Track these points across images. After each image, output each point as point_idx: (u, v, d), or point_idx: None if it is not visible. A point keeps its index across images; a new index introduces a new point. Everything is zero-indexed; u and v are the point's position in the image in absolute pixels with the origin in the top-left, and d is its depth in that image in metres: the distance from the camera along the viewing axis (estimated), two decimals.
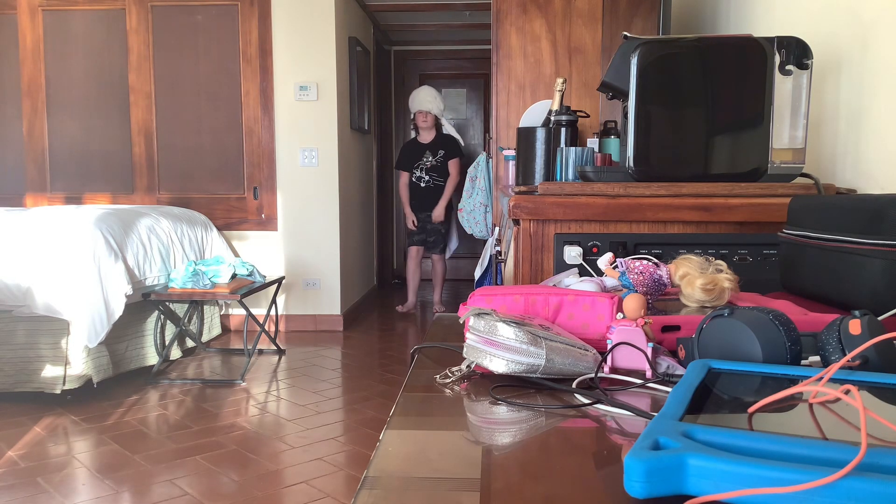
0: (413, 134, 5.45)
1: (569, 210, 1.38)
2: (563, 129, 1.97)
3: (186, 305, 3.96)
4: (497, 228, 2.93)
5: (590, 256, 1.36)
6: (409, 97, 5.32)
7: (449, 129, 5.38)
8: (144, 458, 2.60)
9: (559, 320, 0.91)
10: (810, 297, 1.05)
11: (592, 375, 0.78)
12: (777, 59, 1.38)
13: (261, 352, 4.17)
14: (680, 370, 0.80)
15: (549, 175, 1.96)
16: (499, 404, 0.72)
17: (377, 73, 6.19)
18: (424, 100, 5.22)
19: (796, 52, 1.38)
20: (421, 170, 5.34)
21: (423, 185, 5.35)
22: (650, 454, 0.46)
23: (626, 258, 1.05)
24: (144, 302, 3.57)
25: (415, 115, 5.30)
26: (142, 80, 4.69)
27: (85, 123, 4.76)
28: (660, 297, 1.06)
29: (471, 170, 4.16)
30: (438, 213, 5.35)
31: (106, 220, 3.38)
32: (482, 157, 4.14)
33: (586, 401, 0.71)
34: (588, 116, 2.52)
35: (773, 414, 0.55)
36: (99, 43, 4.71)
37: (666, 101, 1.42)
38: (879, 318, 0.77)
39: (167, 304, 3.78)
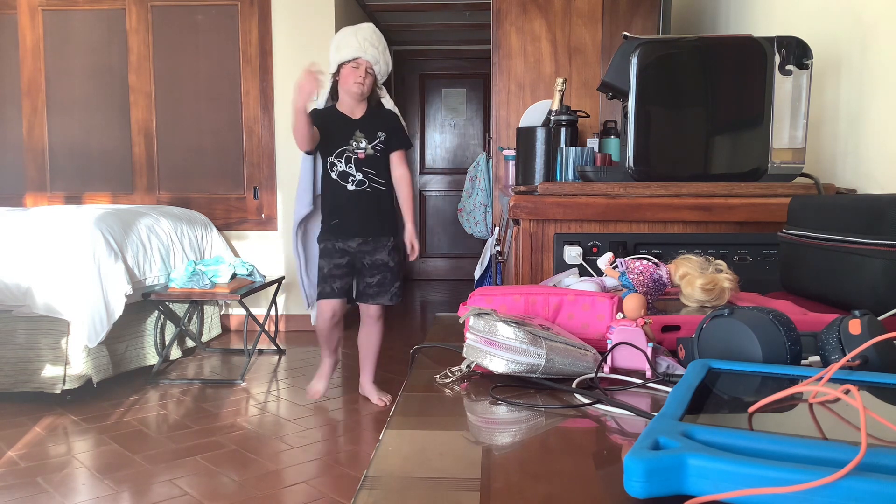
0: (328, 102, 3.08)
1: (569, 210, 1.38)
2: (563, 129, 1.97)
3: (186, 305, 3.96)
4: (497, 228, 2.93)
5: (590, 256, 1.36)
6: (334, 41, 2.97)
7: (389, 103, 3.12)
8: (144, 458, 2.60)
9: (559, 320, 0.91)
10: (810, 297, 1.05)
11: (592, 375, 0.78)
12: (777, 59, 1.38)
13: (261, 352, 4.17)
14: (680, 370, 0.80)
15: (549, 175, 1.96)
16: (499, 404, 0.72)
17: None
18: (366, 42, 2.90)
19: (796, 52, 1.38)
20: (348, 161, 2.96)
21: (352, 187, 2.95)
22: (650, 454, 0.46)
23: (626, 258, 1.05)
24: (144, 302, 3.57)
25: (341, 68, 2.95)
26: (142, 80, 4.69)
27: (85, 123, 4.76)
28: (660, 297, 1.05)
29: (471, 170, 4.16)
30: (411, 237, 3.09)
31: (106, 220, 3.38)
32: (482, 157, 4.14)
33: (586, 401, 0.71)
34: (588, 116, 2.52)
35: (773, 414, 0.55)
36: (99, 43, 4.71)
37: (666, 101, 1.42)
38: (879, 318, 0.77)
39: (167, 304, 3.78)
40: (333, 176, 2.96)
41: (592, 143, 2.26)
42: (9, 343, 3.18)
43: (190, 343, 4.15)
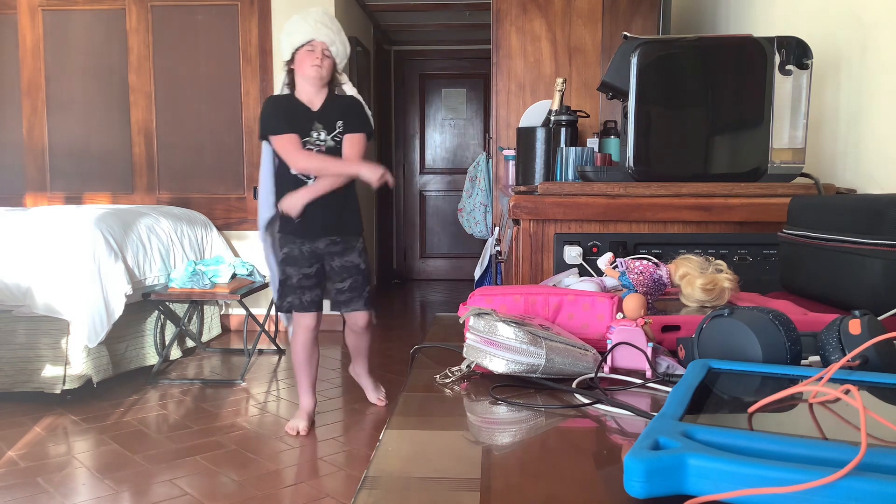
0: (284, 91, 2.81)
1: (569, 210, 1.38)
2: (563, 129, 1.97)
3: (186, 305, 3.96)
4: (497, 228, 2.93)
5: (590, 256, 1.36)
6: (285, 29, 2.73)
7: (351, 89, 2.85)
8: (144, 458, 2.60)
9: (559, 320, 0.91)
10: (810, 297, 1.05)
11: (592, 375, 0.78)
12: (777, 59, 1.38)
13: (261, 352, 4.17)
14: (680, 370, 0.80)
15: (549, 175, 1.96)
16: (499, 404, 0.72)
17: (377, 74, 6.19)
18: (318, 23, 2.67)
19: (796, 52, 1.38)
20: None
21: (312, 183, 2.71)
22: (650, 454, 0.46)
23: (626, 258, 1.05)
24: (144, 302, 3.57)
25: (295, 55, 2.69)
26: (142, 80, 4.69)
27: (85, 123, 4.76)
28: (660, 297, 1.05)
29: (471, 170, 4.16)
30: (297, 198, 2.68)
31: (106, 220, 3.38)
32: (482, 157, 4.14)
33: (586, 401, 0.71)
34: (588, 116, 2.52)
35: (773, 414, 0.55)
36: (99, 43, 4.71)
37: (666, 101, 1.42)
38: (879, 318, 0.77)
39: (167, 304, 3.78)
40: (293, 172, 2.69)
41: (592, 143, 2.27)
42: (9, 343, 3.18)
43: (190, 343, 4.15)
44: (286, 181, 2.71)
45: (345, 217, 2.75)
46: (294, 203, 2.67)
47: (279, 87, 2.84)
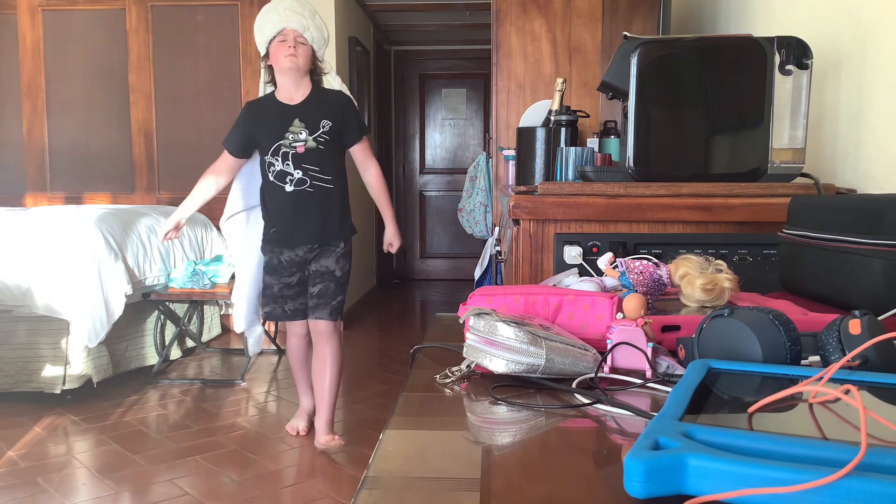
0: (266, 90, 2.69)
1: (569, 210, 1.38)
2: (563, 129, 1.97)
3: (186, 305, 3.95)
4: (497, 228, 2.93)
5: (590, 256, 1.36)
6: (256, 24, 2.57)
7: (336, 80, 2.79)
8: (144, 458, 2.60)
9: (559, 320, 0.91)
10: (810, 297, 1.05)
11: (592, 375, 0.78)
12: (777, 59, 1.38)
13: (261, 352, 4.17)
14: (680, 370, 0.80)
15: (549, 175, 1.96)
16: (499, 404, 0.72)
17: (377, 73, 6.19)
18: (287, 11, 2.49)
19: (796, 52, 1.38)
20: (285, 158, 2.51)
21: (290, 188, 2.52)
22: (650, 454, 0.46)
23: (626, 258, 1.05)
24: (144, 302, 3.57)
25: (269, 48, 2.53)
26: (142, 80, 4.69)
27: (85, 123, 4.76)
28: (660, 297, 1.05)
29: (471, 170, 4.16)
30: (391, 237, 2.71)
31: (106, 220, 3.38)
32: (482, 157, 4.13)
33: (586, 401, 0.71)
34: (588, 116, 2.52)
35: (773, 414, 0.55)
36: (99, 43, 4.71)
37: (666, 101, 1.42)
38: (879, 318, 0.77)
39: (167, 304, 3.78)
40: (271, 178, 2.53)
41: (592, 143, 2.26)
42: (9, 343, 3.18)
43: (190, 343, 4.15)
44: (265, 185, 2.60)
45: (327, 226, 2.57)
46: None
47: (261, 86, 2.71)
